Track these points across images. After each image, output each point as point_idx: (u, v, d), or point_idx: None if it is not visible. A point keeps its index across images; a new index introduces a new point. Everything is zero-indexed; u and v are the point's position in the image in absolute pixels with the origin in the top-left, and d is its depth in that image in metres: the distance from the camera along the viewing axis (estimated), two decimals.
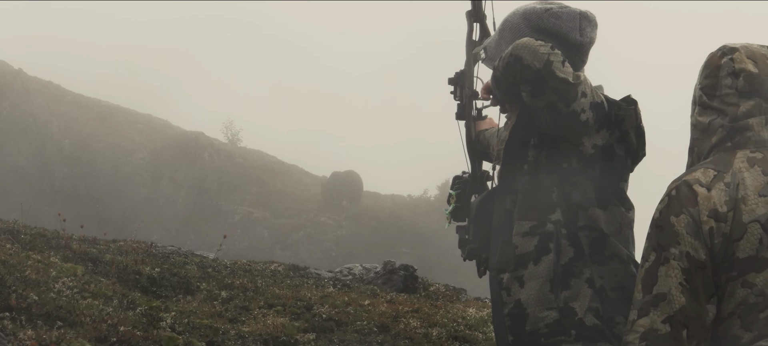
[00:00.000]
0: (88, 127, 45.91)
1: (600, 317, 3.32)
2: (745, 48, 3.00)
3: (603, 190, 3.38)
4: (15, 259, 6.63)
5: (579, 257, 3.35)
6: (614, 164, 3.40)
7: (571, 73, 3.25)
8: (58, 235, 8.74)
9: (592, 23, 3.50)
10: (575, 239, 3.35)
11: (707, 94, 3.02)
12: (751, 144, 2.94)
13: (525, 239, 3.40)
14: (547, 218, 3.37)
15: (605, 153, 3.37)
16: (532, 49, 3.24)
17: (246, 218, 43.85)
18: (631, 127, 3.39)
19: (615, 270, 3.35)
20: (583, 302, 3.33)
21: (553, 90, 3.22)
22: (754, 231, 2.82)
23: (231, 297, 7.59)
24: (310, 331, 6.75)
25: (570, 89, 3.23)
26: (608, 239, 3.36)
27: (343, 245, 42.25)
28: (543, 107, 3.28)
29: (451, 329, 7.55)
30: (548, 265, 3.35)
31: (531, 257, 3.38)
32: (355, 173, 47.29)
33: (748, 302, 2.83)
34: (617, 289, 3.34)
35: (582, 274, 3.34)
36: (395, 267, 10.64)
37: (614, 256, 3.36)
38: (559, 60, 3.23)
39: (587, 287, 3.33)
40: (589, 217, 3.36)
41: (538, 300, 3.36)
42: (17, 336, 4.92)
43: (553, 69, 3.21)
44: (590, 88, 3.30)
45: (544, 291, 3.35)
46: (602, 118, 3.34)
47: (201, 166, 45.97)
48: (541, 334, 3.36)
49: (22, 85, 45.85)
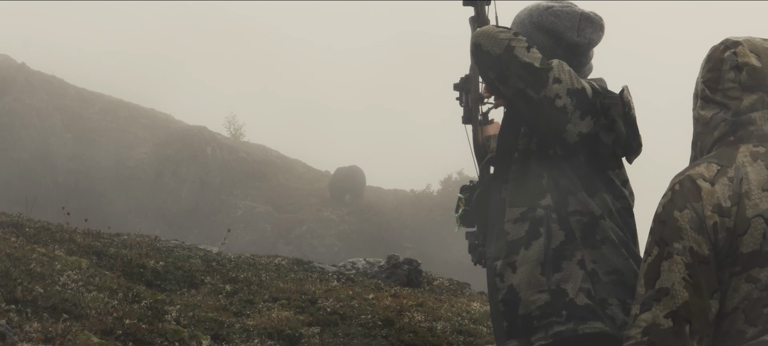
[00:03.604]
0: (91, 122, 45.90)
1: (592, 298, 3.33)
2: (748, 42, 3.00)
3: (589, 177, 3.40)
4: (20, 252, 6.65)
5: (570, 241, 3.36)
6: (600, 152, 3.40)
7: (537, 58, 3.28)
8: (62, 228, 8.76)
9: (595, 25, 3.51)
10: (566, 223, 3.37)
11: (710, 88, 3.02)
12: (754, 138, 2.94)
13: (516, 225, 3.44)
14: (538, 203, 3.40)
15: (589, 141, 3.37)
16: (491, 36, 3.33)
17: (249, 213, 43.85)
18: (619, 115, 3.37)
19: (607, 254, 3.36)
20: (575, 283, 3.34)
21: (518, 76, 3.27)
22: (757, 226, 2.82)
23: (235, 291, 7.61)
24: (315, 324, 6.77)
25: (537, 74, 3.26)
26: (599, 223, 3.37)
27: (345, 239, 42.25)
28: (514, 95, 3.33)
29: (455, 323, 7.57)
30: (539, 248, 3.38)
31: (522, 242, 3.41)
32: (358, 167, 47.27)
33: (752, 296, 2.83)
34: (610, 272, 3.36)
35: (573, 256, 3.36)
36: (399, 261, 10.65)
37: (606, 240, 3.37)
38: (522, 45, 3.28)
39: (579, 269, 3.35)
40: (579, 202, 3.37)
41: (529, 283, 3.39)
42: (23, 328, 4.94)
43: (514, 53, 3.27)
44: (567, 74, 3.31)
45: (536, 274, 3.38)
46: (585, 106, 3.33)
47: (204, 160, 45.95)
48: (534, 316, 3.38)
49: (26, 79, 45.85)
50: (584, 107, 3.33)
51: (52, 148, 44.00)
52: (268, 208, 44.22)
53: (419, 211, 46.30)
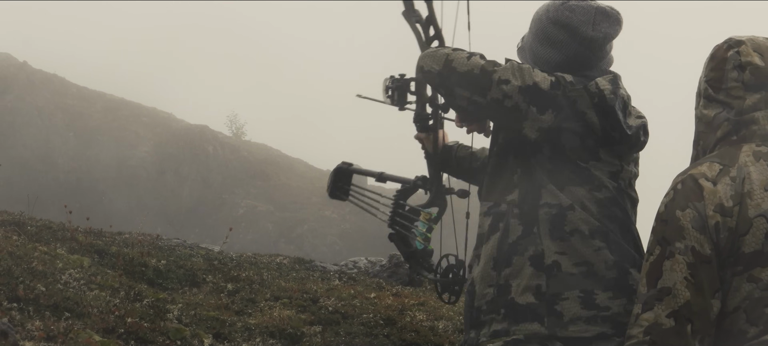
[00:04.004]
0: (92, 120, 45.92)
1: (540, 295, 3.33)
2: (752, 41, 3.00)
3: (557, 171, 3.38)
4: (21, 250, 6.65)
5: (526, 235, 3.38)
6: (566, 145, 3.37)
7: (478, 64, 3.33)
8: (64, 227, 8.76)
9: (611, 19, 3.51)
10: (530, 217, 3.38)
11: (713, 87, 3.02)
12: (756, 138, 2.94)
13: (484, 218, 3.52)
14: (503, 199, 3.45)
15: (552, 135, 3.36)
16: (431, 55, 3.45)
17: (250, 212, 43.85)
18: (587, 107, 3.34)
19: (576, 245, 3.35)
20: (521, 279, 3.36)
21: (460, 86, 3.35)
22: (759, 226, 2.82)
23: (237, 289, 7.61)
24: (317, 323, 6.77)
25: (478, 80, 3.32)
26: (566, 215, 3.36)
27: (347, 239, 42.25)
28: (465, 106, 3.40)
29: (457, 322, 7.56)
30: (494, 243, 3.43)
31: (485, 236, 3.49)
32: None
33: (753, 296, 2.83)
34: (580, 264, 3.34)
35: (526, 252, 3.37)
36: (401, 260, 10.64)
37: (575, 231, 3.35)
38: (462, 56, 3.36)
39: (529, 266, 3.36)
40: (549, 193, 3.37)
41: (482, 277, 3.46)
42: (25, 327, 4.94)
43: (453, 66, 3.36)
44: (518, 73, 3.32)
45: (488, 269, 3.44)
46: (542, 100, 3.31)
47: (205, 159, 45.97)
48: (482, 311, 3.45)
49: (27, 77, 45.88)
50: (541, 102, 3.32)
51: (54, 146, 44.02)
52: (269, 207, 44.23)
53: None
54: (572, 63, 3.48)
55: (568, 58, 3.49)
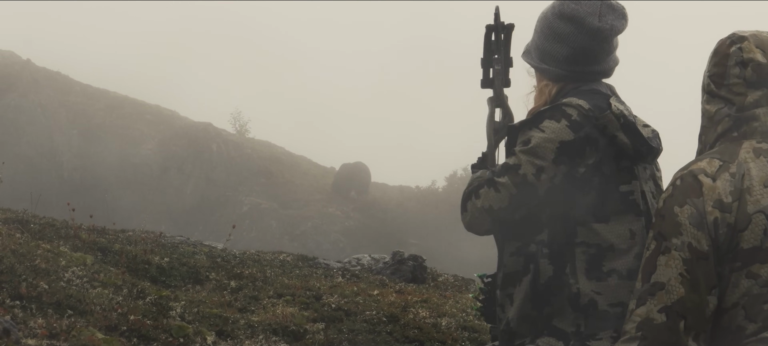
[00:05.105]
0: (96, 118, 45.97)
1: (579, 335, 3.32)
2: (755, 37, 3.00)
3: (601, 205, 3.34)
4: (25, 248, 6.65)
5: (558, 276, 3.35)
6: (607, 173, 3.34)
7: (493, 196, 3.39)
8: (67, 225, 8.77)
9: (617, 12, 3.50)
10: (561, 257, 3.35)
11: (715, 82, 3.02)
12: (757, 134, 2.94)
13: (512, 258, 3.46)
14: (532, 239, 3.41)
15: (596, 168, 3.33)
16: (463, 221, 3.56)
17: (254, 209, 43.89)
18: (616, 129, 3.33)
19: (613, 286, 3.30)
20: (564, 319, 3.34)
21: (486, 222, 3.44)
22: (758, 222, 2.82)
23: (240, 287, 7.62)
24: (320, 320, 6.77)
25: (493, 208, 3.39)
26: (606, 255, 3.32)
27: (351, 236, 42.28)
28: (507, 227, 3.45)
29: (460, 319, 7.56)
30: (527, 284, 3.40)
31: (518, 276, 3.44)
32: (364, 164, 47.30)
33: (752, 292, 2.83)
34: (616, 305, 3.28)
35: (561, 292, 3.35)
36: (404, 258, 10.65)
37: (613, 272, 3.30)
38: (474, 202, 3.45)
39: (568, 306, 3.33)
40: (588, 233, 3.33)
41: (520, 317, 3.42)
42: (28, 324, 4.94)
43: (469, 210, 3.47)
44: (530, 161, 3.33)
45: (527, 309, 3.41)
46: (575, 149, 3.31)
47: (209, 156, 46.01)
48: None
49: (31, 75, 45.93)
50: (575, 150, 3.31)
51: (58, 144, 44.07)
52: (273, 204, 44.25)
53: (424, 207, 46.33)
54: (579, 56, 3.47)
55: (575, 51, 3.48)
